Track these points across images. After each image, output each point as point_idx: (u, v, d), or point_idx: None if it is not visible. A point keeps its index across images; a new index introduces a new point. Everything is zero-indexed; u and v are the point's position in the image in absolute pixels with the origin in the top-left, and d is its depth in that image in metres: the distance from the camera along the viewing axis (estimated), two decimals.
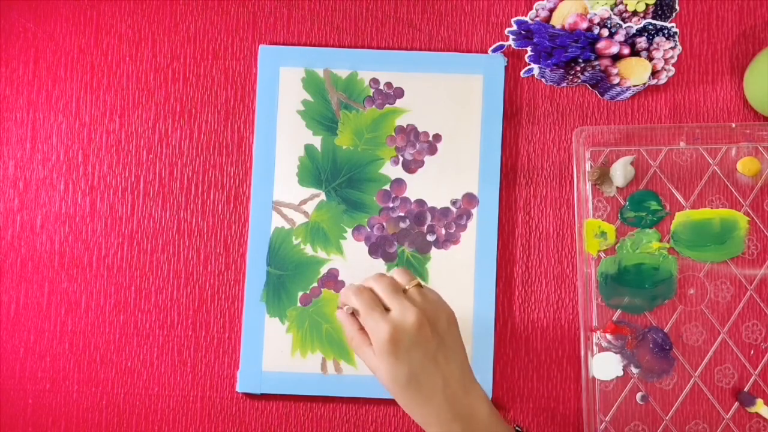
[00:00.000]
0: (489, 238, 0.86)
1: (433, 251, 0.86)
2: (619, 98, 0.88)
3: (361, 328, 0.75)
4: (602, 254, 0.85)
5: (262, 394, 0.85)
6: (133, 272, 0.87)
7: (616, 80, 0.86)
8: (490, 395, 0.84)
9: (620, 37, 0.85)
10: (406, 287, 0.75)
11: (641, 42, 0.85)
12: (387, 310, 0.73)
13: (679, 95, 0.88)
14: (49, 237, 0.87)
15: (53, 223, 0.87)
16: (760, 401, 0.83)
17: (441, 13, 0.89)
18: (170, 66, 0.89)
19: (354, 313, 0.75)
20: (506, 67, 0.88)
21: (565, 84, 0.88)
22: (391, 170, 0.87)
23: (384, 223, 0.87)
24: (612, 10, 0.86)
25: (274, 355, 0.85)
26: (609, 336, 0.84)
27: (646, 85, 0.86)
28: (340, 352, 0.85)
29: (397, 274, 0.76)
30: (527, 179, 0.87)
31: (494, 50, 0.87)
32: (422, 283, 0.77)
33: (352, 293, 0.75)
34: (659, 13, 0.87)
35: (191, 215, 0.87)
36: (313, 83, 0.88)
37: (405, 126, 0.87)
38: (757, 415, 0.83)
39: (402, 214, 0.87)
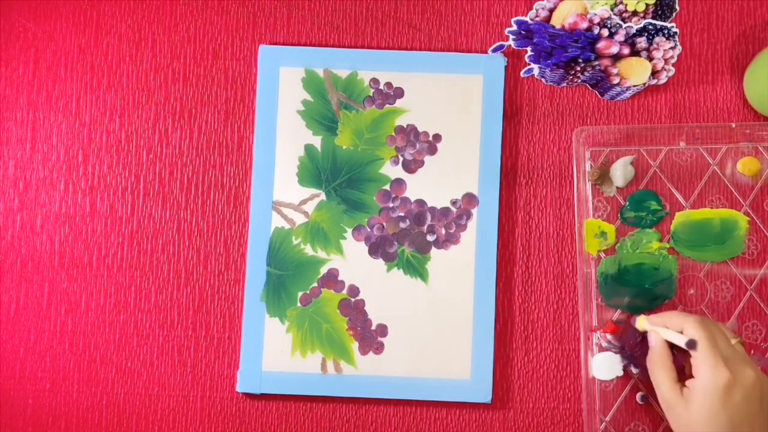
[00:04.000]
0: (489, 238, 0.86)
1: (433, 251, 0.86)
2: (619, 98, 0.88)
3: (673, 362, 0.76)
4: (602, 254, 0.85)
5: (262, 394, 0.85)
6: (133, 272, 0.87)
7: (616, 80, 0.86)
8: (490, 395, 0.84)
9: (620, 37, 0.85)
10: (732, 341, 0.76)
11: (641, 42, 0.85)
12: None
13: (679, 95, 0.88)
14: (49, 237, 0.87)
15: (53, 223, 0.87)
16: (641, 317, 0.81)
17: (441, 13, 0.89)
18: (170, 66, 0.89)
19: (694, 345, 0.74)
20: (506, 67, 0.88)
21: (565, 84, 0.88)
22: (391, 170, 0.87)
23: (384, 223, 0.87)
24: (612, 10, 0.86)
25: (274, 355, 0.85)
26: (609, 336, 0.84)
27: (646, 85, 0.86)
28: (340, 352, 0.85)
29: (725, 328, 0.78)
30: (527, 179, 0.87)
31: (494, 50, 0.87)
32: (743, 341, 0.78)
33: (694, 321, 0.75)
34: (659, 13, 0.87)
35: (191, 215, 0.87)
36: (313, 83, 0.88)
37: (405, 126, 0.87)
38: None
39: (402, 214, 0.87)
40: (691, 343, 0.75)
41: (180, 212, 0.87)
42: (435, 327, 0.85)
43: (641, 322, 0.81)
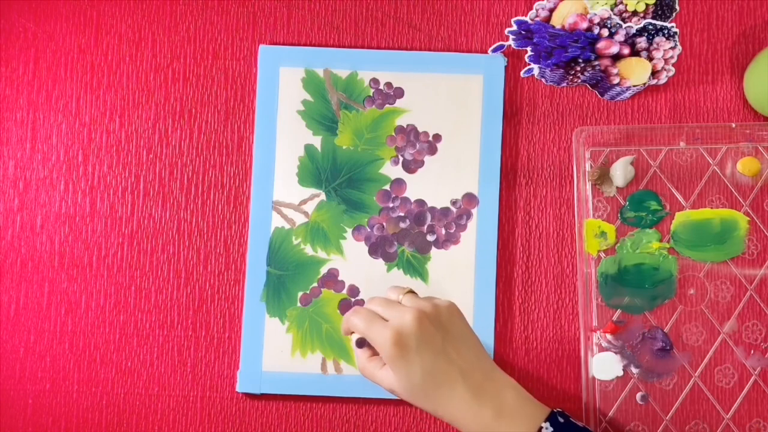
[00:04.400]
0: (489, 238, 0.86)
1: (433, 251, 0.86)
2: (619, 98, 0.88)
3: (372, 356, 0.76)
4: (602, 254, 0.85)
5: (262, 394, 0.85)
6: (133, 272, 0.87)
7: (616, 80, 0.86)
8: None
9: (620, 37, 0.85)
10: (399, 298, 0.77)
11: (641, 42, 0.85)
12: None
13: (679, 95, 0.88)
14: (49, 237, 0.87)
15: (53, 223, 0.87)
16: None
17: (441, 13, 0.89)
18: (170, 66, 0.89)
19: (362, 343, 0.76)
20: (506, 67, 0.88)
21: (565, 84, 0.88)
22: (391, 170, 0.87)
23: (384, 223, 0.87)
24: (612, 10, 0.86)
25: (274, 355, 0.85)
26: (609, 336, 0.84)
27: (646, 85, 0.86)
28: (340, 352, 0.85)
29: (390, 291, 0.79)
30: (527, 179, 0.87)
31: (494, 50, 0.87)
32: (414, 290, 0.78)
33: (351, 315, 0.76)
34: (659, 13, 0.87)
35: (191, 215, 0.87)
36: (313, 83, 0.88)
37: (405, 126, 0.87)
38: (758, 419, 0.83)
39: (402, 214, 0.87)
40: (359, 342, 0.76)
41: (180, 212, 0.87)
42: None
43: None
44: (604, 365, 0.84)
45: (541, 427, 0.72)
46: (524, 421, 0.73)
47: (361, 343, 0.77)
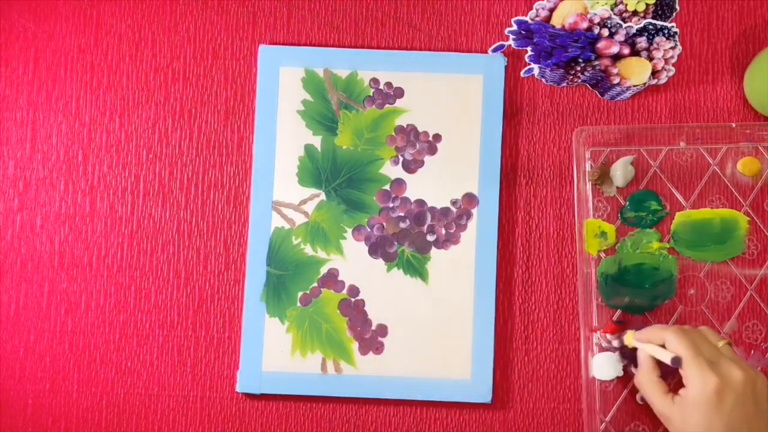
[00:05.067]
0: (489, 238, 0.86)
1: (433, 251, 0.86)
2: (619, 98, 0.88)
3: (660, 376, 0.76)
4: (602, 254, 0.85)
5: (262, 394, 0.85)
6: (133, 272, 0.87)
7: (616, 80, 0.86)
8: (490, 395, 0.84)
9: (620, 37, 0.85)
10: (719, 344, 0.76)
11: (641, 42, 0.85)
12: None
13: (679, 95, 0.88)
14: (49, 237, 0.87)
15: (53, 223, 0.87)
16: (629, 333, 0.82)
17: (441, 13, 0.89)
18: (170, 66, 0.89)
19: (679, 363, 0.75)
20: (506, 67, 0.88)
21: (565, 84, 0.88)
22: (391, 170, 0.87)
23: (384, 223, 0.87)
24: (612, 10, 0.86)
25: (274, 355, 0.85)
26: (609, 336, 0.84)
27: (646, 85, 0.86)
28: (340, 352, 0.85)
29: (707, 330, 0.78)
30: (527, 179, 0.87)
31: (494, 50, 0.87)
32: (731, 342, 0.78)
33: (673, 333, 0.75)
34: (659, 13, 0.87)
35: (191, 215, 0.87)
36: (313, 83, 0.88)
37: (405, 126, 0.87)
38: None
39: (402, 214, 0.87)
40: (676, 361, 0.75)
41: (180, 212, 0.87)
42: (435, 327, 0.85)
43: (629, 339, 0.81)
44: (604, 365, 0.84)
45: None
46: None
47: (679, 362, 0.75)
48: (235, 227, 0.87)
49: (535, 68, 0.86)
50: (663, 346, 0.77)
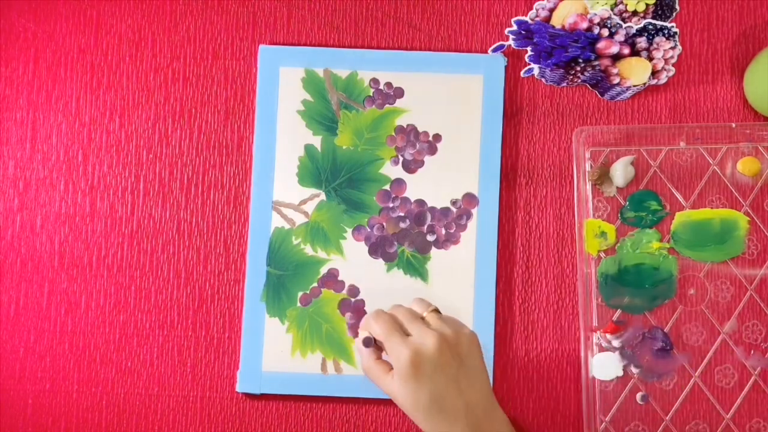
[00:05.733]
0: (489, 238, 0.86)
1: (433, 251, 0.86)
2: (619, 98, 0.88)
3: (378, 358, 0.76)
4: (602, 254, 0.85)
5: (262, 394, 0.85)
6: (133, 272, 0.87)
7: (616, 80, 0.86)
8: None
9: (620, 37, 0.85)
10: (424, 314, 0.77)
11: (641, 42, 0.85)
12: (408, 336, 0.75)
13: (679, 95, 0.88)
14: (49, 237, 0.87)
15: (53, 223, 0.87)
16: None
17: (441, 13, 0.89)
18: (170, 66, 0.89)
19: (369, 343, 0.76)
20: (506, 67, 0.88)
21: (565, 84, 0.88)
22: (391, 170, 0.87)
23: (384, 223, 0.87)
24: (612, 10, 0.86)
25: (274, 355, 0.85)
26: (609, 336, 0.84)
27: (646, 85, 0.86)
28: (340, 352, 0.85)
29: (415, 304, 0.79)
30: (527, 179, 0.87)
31: (494, 50, 0.87)
32: (439, 309, 0.78)
33: (372, 318, 0.76)
34: (659, 13, 0.87)
35: (191, 215, 0.87)
36: (313, 83, 0.88)
37: (405, 126, 0.87)
38: (758, 419, 0.83)
39: (402, 214, 0.87)
40: (366, 341, 0.76)
41: (180, 212, 0.87)
42: None
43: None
44: (604, 365, 0.84)
45: None
46: None
47: (369, 342, 0.77)
48: (235, 227, 0.87)
49: (535, 68, 0.86)
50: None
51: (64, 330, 0.86)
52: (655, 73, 0.86)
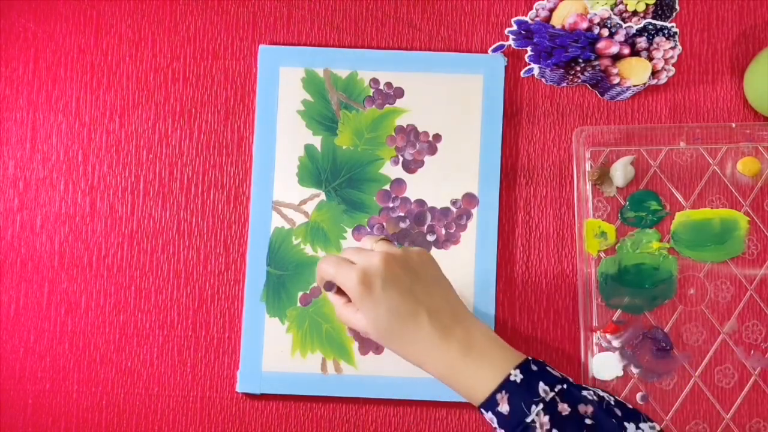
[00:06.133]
0: (489, 238, 0.86)
1: (433, 251, 0.86)
2: (619, 98, 0.88)
3: (347, 302, 0.75)
4: (602, 254, 0.85)
5: (262, 394, 0.85)
6: (133, 272, 0.87)
7: (616, 80, 0.86)
8: None
9: (620, 37, 0.85)
10: (373, 246, 0.77)
11: (641, 42, 0.85)
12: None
13: (679, 95, 0.88)
14: (49, 237, 0.87)
15: (53, 223, 0.87)
16: None
17: (441, 13, 0.89)
18: (170, 66, 0.89)
19: (330, 286, 0.75)
20: (506, 67, 0.88)
21: (565, 84, 0.88)
22: (391, 170, 0.87)
23: (384, 223, 0.87)
24: (612, 10, 0.86)
25: (274, 355, 0.85)
26: (609, 336, 0.84)
27: (646, 85, 0.86)
28: (340, 352, 0.85)
29: (364, 240, 0.79)
30: (527, 179, 0.87)
31: (494, 50, 0.87)
32: (389, 239, 0.78)
33: (321, 261, 0.76)
34: (659, 13, 0.87)
35: (191, 215, 0.87)
36: (313, 83, 0.88)
37: (405, 126, 0.87)
38: (758, 419, 0.83)
39: (402, 214, 0.87)
40: (328, 285, 0.75)
41: (180, 212, 0.87)
42: None
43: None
44: (604, 365, 0.84)
45: (510, 374, 0.70)
46: (493, 364, 0.71)
47: (330, 286, 0.75)
48: (235, 227, 0.87)
49: (535, 68, 0.86)
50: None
51: (64, 330, 0.86)
52: (655, 73, 0.86)
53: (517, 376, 0.70)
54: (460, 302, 0.75)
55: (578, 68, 0.86)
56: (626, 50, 0.86)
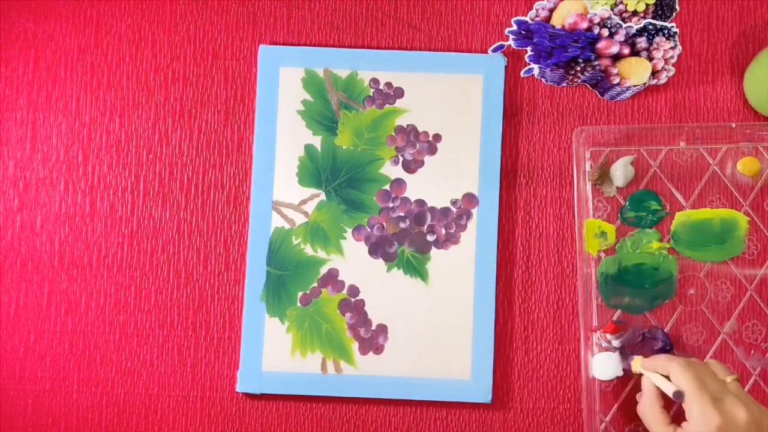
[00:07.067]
0: (489, 238, 0.86)
1: (433, 251, 0.86)
2: (619, 98, 0.88)
3: (663, 406, 0.74)
4: (602, 254, 0.85)
5: (262, 394, 0.85)
6: (133, 272, 0.87)
7: (616, 80, 0.86)
8: (490, 395, 0.84)
9: (620, 37, 0.85)
10: (726, 379, 0.75)
11: (641, 42, 0.85)
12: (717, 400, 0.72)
13: (679, 95, 0.88)
14: (49, 237, 0.87)
15: (53, 223, 0.87)
16: (636, 359, 0.81)
17: (441, 13, 0.89)
18: (170, 66, 0.89)
19: (680, 397, 0.73)
20: (506, 67, 0.88)
21: (565, 84, 0.88)
22: (391, 170, 0.87)
23: (384, 223, 0.87)
24: (612, 10, 0.86)
25: (274, 355, 0.85)
26: (609, 336, 0.84)
27: (646, 85, 0.86)
28: (340, 352, 0.85)
29: (715, 365, 0.76)
30: (527, 179, 0.87)
31: (494, 50, 0.87)
32: (740, 378, 0.76)
33: (679, 365, 0.74)
34: (659, 13, 0.87)
35: (191, 215, 0.87)
36: (313, 83, 0.88)
37: (405, 126, 0.87)
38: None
39: (402, 214, 0.87)
40: (678, 395, 0.73)
41: (180, 212, 0.87)
42: (435, 327, 0.85)
43: (636, 365, 0.80)
44: (604, 365, 0.84)
45: None
46: None
47: (680, 396, 0.73)
48: (235, 227, 0.87)
49: (535, 68, 0.86)
50: (668, 377, 0.76)
51: (64, 330, 0.86)
52: (655, 73, 0.86)
53: None
54: None
55: (578, 68, 0.86)
56: (626, 50, 0.86)
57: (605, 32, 0.85)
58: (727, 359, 0.84)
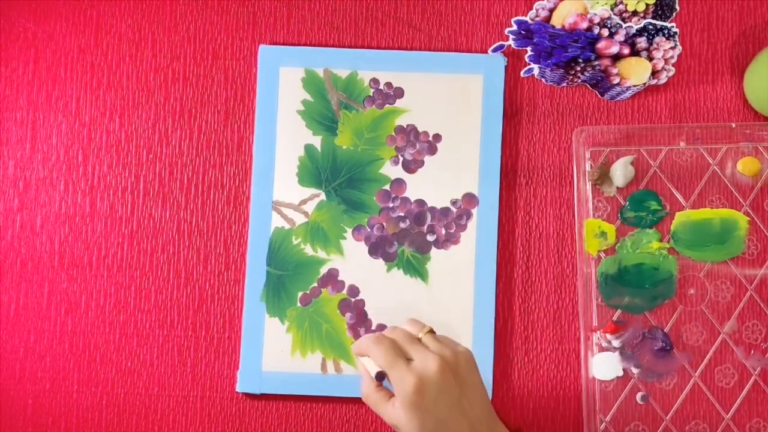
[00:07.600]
0: (489, 238, 0.86)
1: (433, 251, 0.86)
2: (619, 98, 0.88)
3: (378, 385, 0.74)
4: (602, 254, 0.85)
5: (262, 394, 0.85)
6: (133, 272, 0.87)
7: (616, 80, 0.86)
8: (490, 395, 0.84)
9: (620, 37, 0.85)
10: (420, 335, 0.75)
11: (641, 42, 0.85)
12: (409, 361, 0.72)
13: (679, 95, 0.88)
14: (49, 237, 0.87)
15: (53, 223, 0.87)
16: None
17: (441, 13, 0.89)
18: (170, 66, 0.89)
19: (382, 377, 0.74)
20: (506, 67, 0.88)
21: (565, 84, 0.88)
22: (391, 170, 0.87)
23: (384, 223, 0.87)
24: (612, 10, 0.86)
25: (274, 355, 0.85)
26: (609, 336, 0.84)
27: (646, 85, 0.86)
28: (340, 352, 0.85)
29: (409, 325, 0.76)
30: (527, 179, 0.87)
31: (494, 50, 0.87)
32: (433, 329, 0.76)
33: (372, 343, 0.74)
34: (659, 13, 0.87)
35: (191, 215, 0.87)
36: (313, 83, 0.88)
37: (405, 126, 0.87)
38: (758, 419, 0.83)
39: (402, 214, 0.87)
40: (380, 376, 0.73)
41: (180, 212, 0.87)
42: (435, 327, 0.85)
43: (352, 350, 0.80)
44: (604, 365, 0.84)
45: None
46: None
47: (382, 377, 0.74)
48: (235, 227, 0.87)
49: (535, 68, 0.86)
50: None
51: (64, 330, 0.86)
52: (655, 73, 0.86)
53: None
54: (492, 409, 0.74)
55: (578, 68, 0.86)
56: (626, 50, 0.85)
57: (605, 32, 0.85)
58: (727, 359, 0.84)
